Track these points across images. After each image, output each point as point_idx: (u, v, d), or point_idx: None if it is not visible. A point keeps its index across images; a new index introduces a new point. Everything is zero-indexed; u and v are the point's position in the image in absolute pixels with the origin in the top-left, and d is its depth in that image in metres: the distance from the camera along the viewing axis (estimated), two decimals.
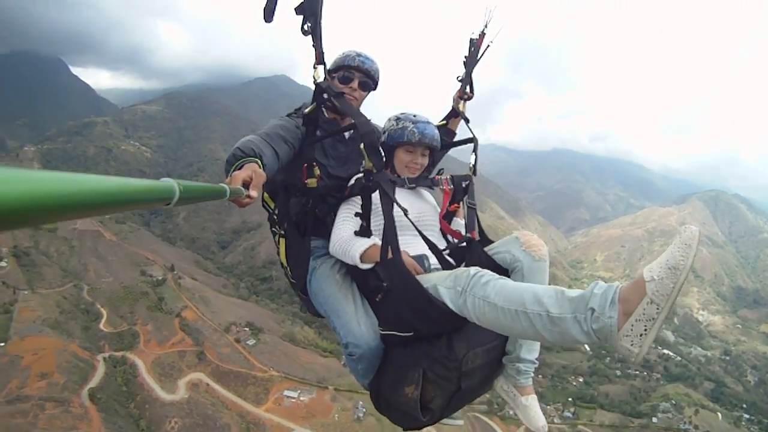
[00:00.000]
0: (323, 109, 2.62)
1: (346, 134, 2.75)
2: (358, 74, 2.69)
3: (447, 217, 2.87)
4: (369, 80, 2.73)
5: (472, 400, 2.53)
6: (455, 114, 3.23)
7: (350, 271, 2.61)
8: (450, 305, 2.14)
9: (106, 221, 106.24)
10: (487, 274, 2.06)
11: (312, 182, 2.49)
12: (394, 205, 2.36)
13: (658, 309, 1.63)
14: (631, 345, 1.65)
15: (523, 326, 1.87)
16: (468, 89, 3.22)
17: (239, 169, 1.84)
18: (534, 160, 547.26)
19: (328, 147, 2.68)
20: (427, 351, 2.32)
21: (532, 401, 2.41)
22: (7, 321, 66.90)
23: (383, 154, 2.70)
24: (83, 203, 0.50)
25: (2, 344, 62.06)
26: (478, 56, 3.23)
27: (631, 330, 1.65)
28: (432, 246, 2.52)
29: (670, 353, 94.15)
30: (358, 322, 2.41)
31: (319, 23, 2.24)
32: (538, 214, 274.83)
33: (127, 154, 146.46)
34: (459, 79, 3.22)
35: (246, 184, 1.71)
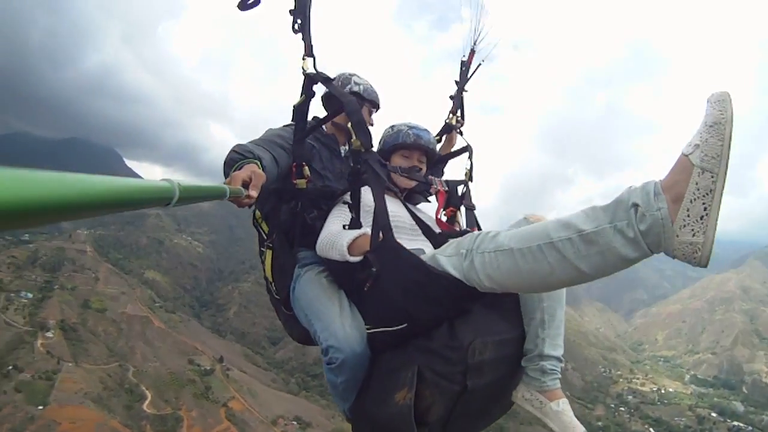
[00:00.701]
0: (323, 127, 2.70)
1: (342, 152, 2.76)
2: (366, 104, 2.75)
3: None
4: (375, 108, 2.84)
5: (484, 421, 2.19)
6: (449, 129, 3.26)
7: (337, 276, 2.35)
8: (453, 272, 1.85)
9: (156, 309, 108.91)
10: (496, 231, 1.81)
11: (301, 183, 2.39)
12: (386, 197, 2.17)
13: (713, 177, 1.35)
14: (694, 236, 1.35)
15: (550, 264, 1.56)
16: (459, 113, 3.28)
17: (238, 170, 1.87)
18: None
19: (326, 161, 2.67)
20: (423, 344, 2.00)
21: (564, 406, 1.95)
22: (48, 388, 69.03)
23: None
24: (83, 203, 0.50)
25: (40, 407, 64.49)
26: (469, 75, 3.31)
27: (688, 216, 1.36)
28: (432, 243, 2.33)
29: (741, 424, 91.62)
30: (342, 324, 2.14)
31: (308, 20, 2.32)
32: (596, 300, 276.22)
33: (179, 248, 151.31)
34: (451, 97, 3.31)
35: (245, 185, 1.73)
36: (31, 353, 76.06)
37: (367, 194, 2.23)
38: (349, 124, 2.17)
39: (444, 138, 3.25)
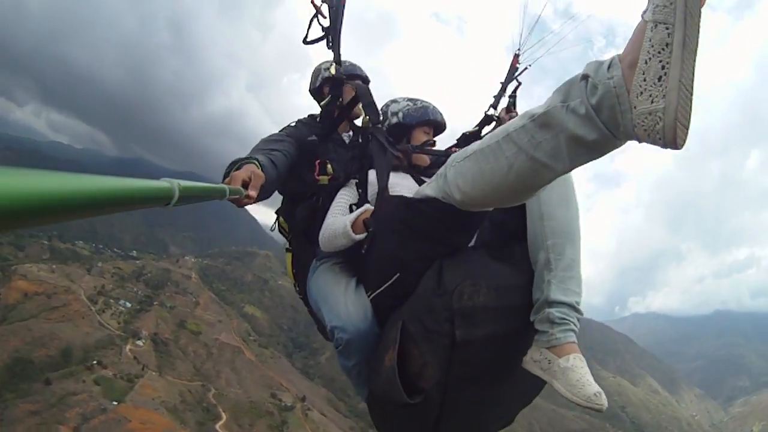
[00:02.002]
0: (317, 119, 2.86)
1: (346, 139, 2.88)
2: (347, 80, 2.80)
3: None
4: (359, 80, 2.88)
5: (501, 402, 2.06)
6: (488, 120, 3.19)
7: (349, 264, 2.46)
8: (432, 193, 1.87)
9: (250, 342, 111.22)
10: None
11: (324, 179, 2.58)
12: (390, 157, 2.38)
13: (667, 28, 1.20)
14: (652, 102, 1.20)
15: (508, 159, 1.50)
16: (505, 103, 3.31)
17: (238, 170, 1.90)
18: (694, 326, 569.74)
19: (331, 151, 2.74)
20: (411, 299, 1.97)
21: (575, 361, 1.65)
22: (127, 388, 72.52)
23: (395, 136, 2.70)
24: (83, 203, 0.51)
25: (115, 403, 67.58)
26: (514, 76, 3.32)
27: (644, 80, 1.22)
28: None
29: None
30: (345, 303, 2.21)
31: (339, 36, 2.66)
32: (696, 385, 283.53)
33: (283, 289, 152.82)
34: (494, 96, 3.32)
35: (245, 185, 1.77)
36: (118, 355, 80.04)
37: (374, 175, 2.34)
38: (360, 105, 2.58)
39: (482, 129, 3.26)
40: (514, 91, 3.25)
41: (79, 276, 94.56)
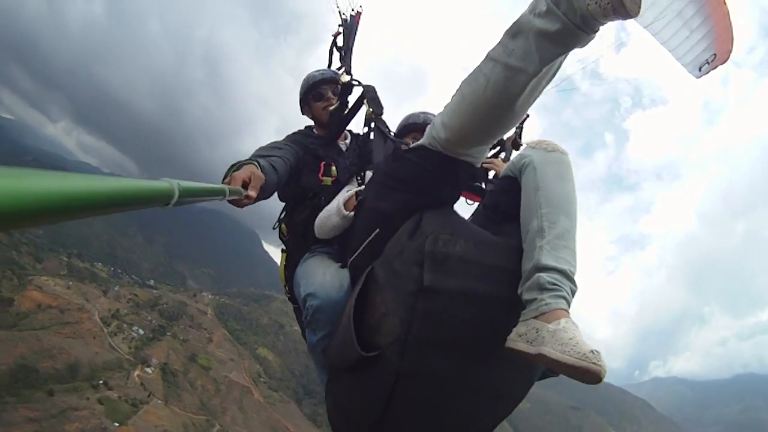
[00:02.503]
0: (314, 131, 3.05)
1: (343, 147, 3.03)
2: (326, 86, 3.05)
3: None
4: (337, 86, 3.04)
5: (468, 383, 1.77)
6: (494, 146, 3.33)
7: (337, 255, 2.52)
8: (421, 142, 1.90)
9: (260, 383, 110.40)
10: None
11: (327, 180, 2.69)
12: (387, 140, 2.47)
13: None
14: None
15: (485, 75, 1.61)
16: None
17: (238, 171, 1.94)
18: (715, 390, 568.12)
19: (334, 155, 2.90)
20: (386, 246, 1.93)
21: (566, 324, 1.50)
22: (131, 412, 71.66)
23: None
24: (83, 203, 0.52)
25: (116, 425, 67.13)
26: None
27: None
28: None
29: None
30: (323, 273, 2.27)
31: (351, 52, 3.13)
32: None
33: (298, 335, 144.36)
34: None
35: (245, 185, 1.80)
36: (125, 379, 79.23)
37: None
38: (365, 100, 2.77)
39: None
40: (522, 122, 3.25)
41: (95, 296, 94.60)
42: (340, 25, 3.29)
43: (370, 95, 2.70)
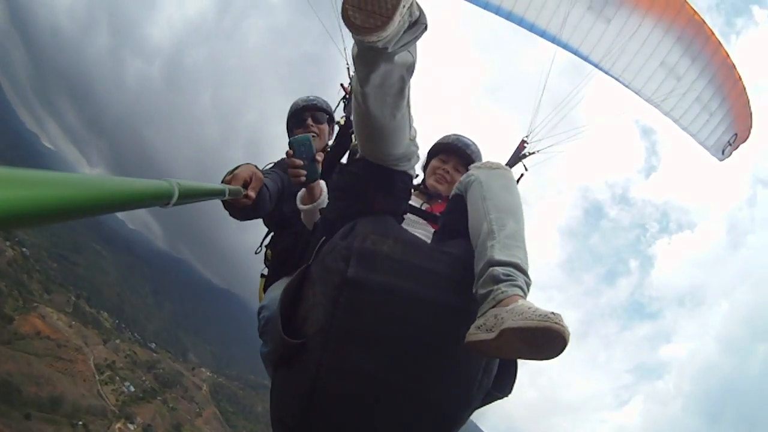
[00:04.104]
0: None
1: None
2: (307, 113, 3.09)
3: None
4: (319, 112, 3.12)
5: (393, 381, 1.76)
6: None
7: None
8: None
9: None
10: None
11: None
12: None
13: None
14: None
15: None
16: None
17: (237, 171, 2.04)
18: None
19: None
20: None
21: (523, 301, 1.52)
22: None
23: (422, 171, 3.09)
24: (83, 203, 0.52)
25: None
26: (518, 156, 3.74)
27: None
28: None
29: None
30: (278, 288, 2.42)
31: None
32: None
33: None
34: None
35: (245, 185, 1.90)
36: (106, 429, 77.10)
37: None
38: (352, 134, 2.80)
39: None
40: (518, 179, 3.30)
41: (94, 342, 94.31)
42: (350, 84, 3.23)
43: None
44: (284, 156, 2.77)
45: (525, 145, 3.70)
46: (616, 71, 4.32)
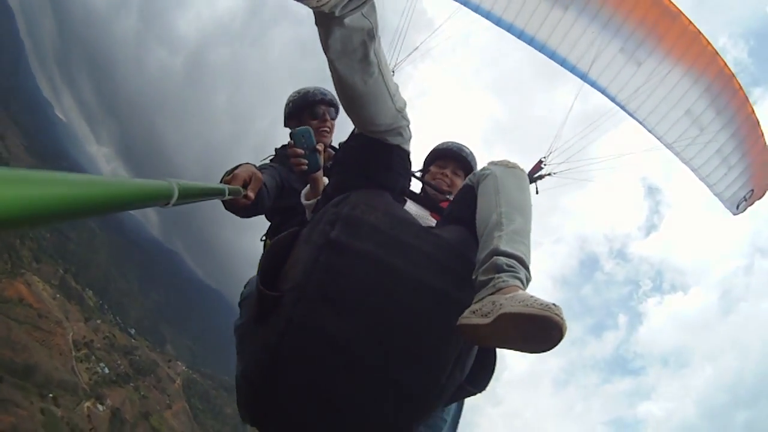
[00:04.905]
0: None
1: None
2: (324, 107, 3.07)
3: None
4: (334, 108, 3.13)
5: (360, 354, 1.76)
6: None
7: None
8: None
9: None
10: None
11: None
12: None
13: None
14: None
15: None
16: None
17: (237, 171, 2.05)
18: None
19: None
20: None
21: (524, 291, 1.53)
22: None
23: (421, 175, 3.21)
24: (82, 204, 0.53)
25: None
26: (533, 176, 3.91)
27: None
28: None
29: None
30: None
31: None
32: None
33: None
34: None
35: (245, 185, 1.93)
36: (75, 405, 76.99)
37: None
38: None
39: None
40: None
41: (75, 319, 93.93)
42: None
43: None
44: (280, 147, 3.02)
45: (542, 165, 3.84)
46: (640, 114, 4.37)
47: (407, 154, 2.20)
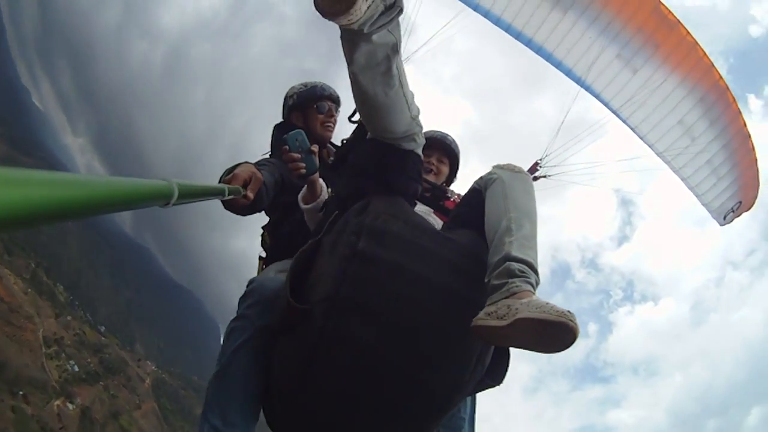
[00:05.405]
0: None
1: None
2: (331, 103, 3.14)
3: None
4: (337, 105, 3.20)
5: (393, 356, 1.79)
6: None
7: None
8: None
9: None
10: None
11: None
12: None
13: None
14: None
15: None
16: None
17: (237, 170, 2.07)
18: None
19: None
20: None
21: (536, 297, 1.61)
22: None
23: None
24: (82, 203, 0.53)
25: None
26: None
27: None
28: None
29: None
30: (275, 267, 2.57)
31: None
32: None
33: None
34: None
35: (245, 185, 1.94)
36: (45, 403, 76.39)
37: None
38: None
39: None
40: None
41: (46, 315, 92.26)
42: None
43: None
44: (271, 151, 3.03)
45: (538, 167, 3.92)
46: (633, 121, 4.39)
47: (420, 158, 2.30)
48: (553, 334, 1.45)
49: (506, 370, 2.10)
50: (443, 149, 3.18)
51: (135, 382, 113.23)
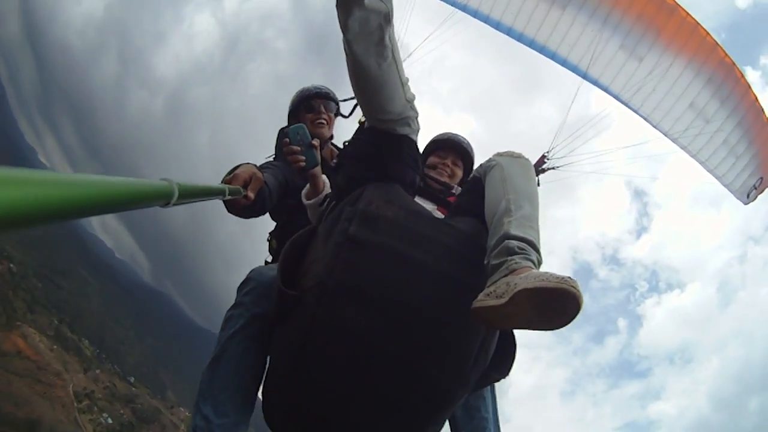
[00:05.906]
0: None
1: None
2: (319, 100, 3.20)
3: None
4: (330, 102, 3.24)
5: (383, 343, 1.74)
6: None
7: None
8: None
9: None
10: None
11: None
12: None
13: None
14: None
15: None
16: None
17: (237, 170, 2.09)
18: None
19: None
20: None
21: (534, 271, 1.54)
22: None
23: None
24: (83, 203, 0.53)
25: None
26: (537, 168, 4.00)
27: None
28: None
29: None
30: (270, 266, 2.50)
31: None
32: None
33: None
34: None
35: (245, 185, 1.97)
36: None
37: None
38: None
39: None
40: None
41: (75, 370, 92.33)
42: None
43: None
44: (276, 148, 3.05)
45: (545, 160, 4.01)
46: (645, 110, 4.44)
47: (416, 144, 2.25)
48: (555, 304, 1.35)
49: (512, 362, 2.05)
50: (458, 151, 3.10)
51: (170, 430, 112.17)
